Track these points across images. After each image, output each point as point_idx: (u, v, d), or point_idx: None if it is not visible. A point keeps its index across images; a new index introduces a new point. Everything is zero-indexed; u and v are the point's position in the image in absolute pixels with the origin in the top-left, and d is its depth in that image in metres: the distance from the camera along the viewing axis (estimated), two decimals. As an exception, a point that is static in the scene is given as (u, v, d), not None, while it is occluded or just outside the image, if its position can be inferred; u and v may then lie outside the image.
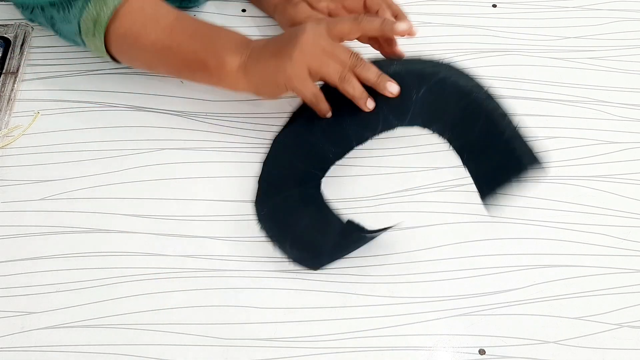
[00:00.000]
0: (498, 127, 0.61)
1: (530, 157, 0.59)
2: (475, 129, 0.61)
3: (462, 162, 0.61)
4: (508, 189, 0.59)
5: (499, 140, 0.60)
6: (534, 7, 0.80)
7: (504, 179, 0.59)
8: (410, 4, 0.79)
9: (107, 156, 0.66)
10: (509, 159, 0.59)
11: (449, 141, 0.62)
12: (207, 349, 0.56)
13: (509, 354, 0.56)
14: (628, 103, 0.72)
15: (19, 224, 0.62)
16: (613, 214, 0.64)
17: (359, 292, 0.59)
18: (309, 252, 0.60)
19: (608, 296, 0.59)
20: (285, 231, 0.60)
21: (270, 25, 0.77)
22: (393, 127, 0.63)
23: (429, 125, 0.63)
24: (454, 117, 0.62)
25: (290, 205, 0.61)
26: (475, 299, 0.58)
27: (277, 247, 0.60)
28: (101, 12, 0.61)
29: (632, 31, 0.78)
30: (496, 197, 0.59)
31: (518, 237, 0.62)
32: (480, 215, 0.62)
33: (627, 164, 0.67)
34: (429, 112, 0.62)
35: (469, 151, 0.61)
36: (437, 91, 0.62)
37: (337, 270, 0.60)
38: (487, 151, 0.61)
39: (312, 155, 0.63)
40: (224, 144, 0.67)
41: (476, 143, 0.61)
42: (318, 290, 0.59)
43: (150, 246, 0.61)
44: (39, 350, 0.55)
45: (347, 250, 0.60)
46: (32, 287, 0.58)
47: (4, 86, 0.70)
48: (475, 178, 0.61)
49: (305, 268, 0.60)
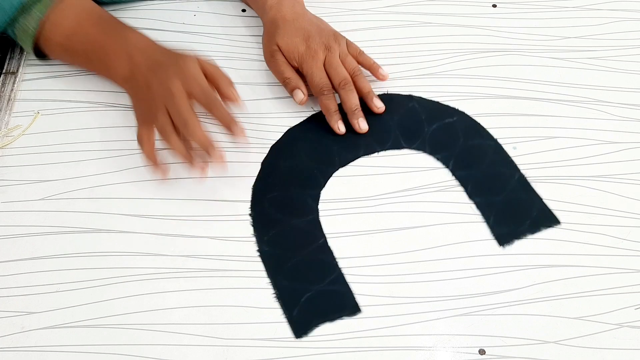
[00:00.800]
0: (506, 170, 0.65)
1: (547, 218, 0.62)
2: (482, 164, 0.65)
3: (466, 192, 0.64)
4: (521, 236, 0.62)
5: (509, 184, 0.64)
6: (534, 7, 0.80)
7: (519, 233, 0.62)
8: (410, 4, 0.79)
9: (107, 156, 0.66)
10: (525, 214, 0.62)
11: (452, 170, 0.65)
12: (207, 349, 0.56)
13: (509, 354, 0.56)
14: (628, 103, 0.72)
15: (19, 224, 0.62)
16: (613, 214, 0.64)
17: (359, 292, 0.59)
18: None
19: (608, 296, 0.59)
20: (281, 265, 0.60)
21: (270, 25, 0.77)
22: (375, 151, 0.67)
23: (435, 153, 0.66)
24: (461, 150, 0.66)
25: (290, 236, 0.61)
26: (475, 299, 0.58)
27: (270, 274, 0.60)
28: (27, 22, 0.66)
29: (632, 31, 0.78)
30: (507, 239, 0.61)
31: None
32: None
33: (627, 164, 0.67)
34: (437, 143, 0.67)
35: (473, 184, 0.64)
36: (447, 129, 0.67)
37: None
38: (497, 192, 0.64)
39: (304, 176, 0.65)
40: (223, 144, 0.67)
41: (483, 179, 0.65)
42: (318, 290, 0.59)
43: (150, 246, 0.61)
44: (39, 350, 0.55)
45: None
46: (32, 287, 0.58)
47: (4, 86, 0.70)
48: (484, 214, 0.63)
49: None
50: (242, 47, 0.75)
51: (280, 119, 0.69)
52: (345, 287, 0.59)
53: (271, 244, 0.61)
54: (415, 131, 0.68)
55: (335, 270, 0.59)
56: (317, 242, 0.61)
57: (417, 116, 0.69)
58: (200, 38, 0.74)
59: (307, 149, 0.66)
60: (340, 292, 0.58)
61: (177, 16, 0.77)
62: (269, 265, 0.60)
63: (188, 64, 0.62)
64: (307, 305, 0.57)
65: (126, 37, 0.66)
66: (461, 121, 0.69)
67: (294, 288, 0.58)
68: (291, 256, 0.60)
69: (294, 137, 0.67)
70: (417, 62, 0.74)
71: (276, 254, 0.60)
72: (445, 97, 0.71)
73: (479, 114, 0.70)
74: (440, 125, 0.68)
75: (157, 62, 0.64)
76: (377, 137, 0.67)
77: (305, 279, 0.59)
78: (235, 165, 0.65)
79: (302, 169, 0.64)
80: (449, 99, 0.71)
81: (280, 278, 0.59)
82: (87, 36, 0.67)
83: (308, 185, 0.64)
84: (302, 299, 0.58)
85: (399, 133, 0.67)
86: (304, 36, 0.68)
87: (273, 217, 0.62)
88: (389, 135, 0.67)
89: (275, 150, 0.66)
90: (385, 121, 0.68)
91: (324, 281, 0.59)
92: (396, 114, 0.69)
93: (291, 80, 0.68)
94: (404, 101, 0.70)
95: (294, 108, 0.69)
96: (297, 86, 0.67)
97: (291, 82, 0.68)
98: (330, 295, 0.58)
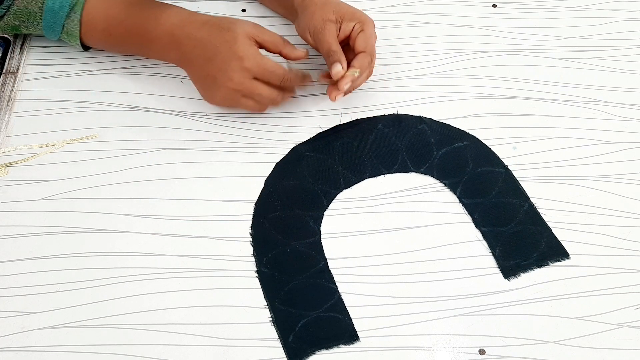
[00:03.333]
0: (516, 200, 0.63)
1: (555, 252, 0.61)
2: (491, 193, 0.64)
3: (472, 221, 0.62)
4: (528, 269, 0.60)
5: (517, 215, 0.62)
6: (534, 7, 0.80)
7: (526, 266, 0.60)
8: (410, 4, 0.79)
9: (107, 156, 0.66)
10: (533, 246, 0.61)
11: (459, 197, 0.63)
12: (207, 349, 0.56)
13: (509, 354, 0.56)
14: (628, 103, 0.72)
15: (19, 224, 0.62)
16: (613, 214, 0.64)
17: (359, 292, 0.59)
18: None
19: (608, 296, 0.59)
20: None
21: (270, 26, 0.77)
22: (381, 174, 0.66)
23: (443, 179, 0.64)
24: (470, 177, 0.64)
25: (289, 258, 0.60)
26: (475, 299, 0.58)
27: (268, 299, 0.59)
28: (70, 26, 0.67)
29: (632, 31, 0.78)
30: (513, 273, 0.60)
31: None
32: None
33: (627, 164, 0.67)
34: (445, 168, 0.65)
35: (481, 213, 0.62)
36: (457, 154, 0.66)
37: (338, 270, 0.60)
38: (505, 223, 0.62)
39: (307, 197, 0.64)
40: (224, 144, 0.67)
41: (491, 208, 0.63)
42: (318, 290, 0.59)
43: (150, 246, 0.61)
44: (39, 350, 0.55)
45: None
46: (32, 287, 0.58)
47: (4, 86, 0.70)
48: (490, 244, 0.61)
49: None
50: (242, 47, 0.75)
51: (279, 119, 0.69)
52: (344, 313, 0.57)
53: (270, 265, 0.59)
54: (423, 155, 0.66)
55: (334, 295, 0.58)
56: (317, 266, 0.60)
57: (426, 139, 0.67)
58: (200, 38, 0.73)
59: (311, 169, 0.65)
60: (337, 320, 0.57)
61: (177, 16, 0.77)
62: (266, 287, 0.58)
63: (240, 47, 0.62)
64: (302, 331, 0.56)
65: (158, 18, 0.65)
66: (472, 146, 0.67)
67: (290, 313, 0.57)
68: (289, 279, 0.59)
69: (298, 155, 0.66)
70: (417, 62, 0.74)
71: (274, 276, 0.59)
72: (445, 97, 0.71)
73: (479, 114, 0.70)
74: (450, 149, 0.66)
75: (202, 41, 0.64)
76: (384, 159, 0.66)
77: (302, 304, 0.58)
78: (236, 165, 0.65)
79: (306, 189, 0.63)
80: (449, 98, 0.71)
81: (277, 302, 0.58)
82: (120, 25, 0.67)
83: (311, 206, 0.63)
84: (298, 324, 0.57)
85: (407, 156, 0.66)
86: (350, 15, 0.67)
87: (273, 238, 0.61)
88: (397, 157, 0.66)
89: (280, 168, 0.65)
90: (393, 143, 0.67)
91: (322, 307, 0.57)
92: (405, 136, 0.67)
93: (336, 53, 0.66)
94: (413, 123, 0.68)
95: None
96: (339, 60, 0.65)
97: (336, 54, 0.66)
98: (328, 322, 0.57)
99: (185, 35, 0.64)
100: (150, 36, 0.66)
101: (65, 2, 0.66)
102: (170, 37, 0.65)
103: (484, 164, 0.66)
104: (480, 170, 0.65)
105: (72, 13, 0.66)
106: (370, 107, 0.70)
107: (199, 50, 0.64)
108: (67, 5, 0.66)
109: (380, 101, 0.70)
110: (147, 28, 0.66)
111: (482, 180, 0.65)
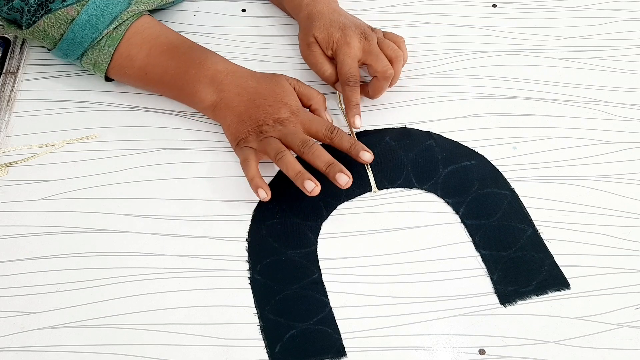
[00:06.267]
0: (519, 224, 0.62)
1: (555, 281, 0.59)
2: (494, 215, 0.63)
3: (473, 242, 0.61)
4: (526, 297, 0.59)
5: (520, 240, 0.61)
6: (534, 7, 0.80)
7: (523, 294, 0.59)
8: (410, 4, 0.79)
9: (107, 156, 0.66)
10: (533, 273, 0.60)
11: (462, 218, 0.63)
12: (207, 349, 0.56)
13: (509, 354, 0.56)
14: (628, 103, 0.72)
15: (19, 224, 0.62)
16: (613, 214, 0.64)
17: (359, 292, 0.59)
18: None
19: (608, 296, 0.59)
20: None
21: (270, 26, 0.77)
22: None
23: (446, 197, 0.64)
24: (474, 197, 0.64)
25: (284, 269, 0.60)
26: (475, 299, 0.58)
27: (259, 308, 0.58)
28: (99, 58, 0.66)
29: (632, 31, 0.78)
30: (509, 299, 0.59)
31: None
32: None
33: (627, 164, 0.67)
34: (450, 187, 0.64)
35: (482, 235, 0.62)
36: (463, 173, 0.65)
37: (337, 270, 0.60)
38: (506, 247, 0.61)
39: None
40: (224, 144, 0.67)
41: (493, 231, 0.62)
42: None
43: (150, 246, 0.61)
44: (39, 350, 0.55)
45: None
46: (32, 287, 0.58)
47: (4, 86, 0.70)
48: (488, 268, 0.60)
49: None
50: (242, 48, 0.75)
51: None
52: (333, 327, 0.56)
53: (263, 273, 0.59)
54: (429, 171, 0.65)
55: (324, 308, 0.57)
56: (311, 277, 0.59)
57: (433, 155, 0.66)
58: (200, 38, 0.74)
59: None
60: (326, 333, 0.56)
61: (177, 16, 0.77)
62: (257, 295, 0.58)
63: (289, 97, 0.64)
64: (290, 343, 0.56)
65: (203, 63, 0.65)
66: (479, 166, 0.66)
67: (279, 323, 0.56)
68: (282, 289, 0.58)
69: (302, 161, 0.63)
70: (417, 62, 0.74)
71: (267, 284, 0.58)
72: (445, 97, 0.71)
73: (479, 114, 0.70)
74: (457, 168, 0.65)
75: (248, 89, 0.64)
76: (388, 173, 0.65)
77: (292, 315, 0.57)
78: (235, 165, 0.65)
79: (306, 198, 0.61)
80: (449, 98, 0.71)
81: (267, 310, 0.57)
82: (159, 66, 0.66)
83: (310, 216, 0.62)
84: (286, 335, 0.56)
85: (412, 171, 0.65)
86: (340, 26, 0.68)
87: (269, 245, 0.60)
88: (401, 172, 0.65)
89: (283, 174, 0.64)
90: (399, 157, 0.66)
91: (312, 319, 0.57)
92: (412, 150, 0.67)
93: (328, 73, 0.68)
94: (422, 138, 0.67)
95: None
96: (334, 80, 0.68)
97: (329, 76, 0.68)
98: (316, 335, 0.56)
99: (229, 82, 0.65)
100: (190, 77, 0.65)
101: (87, 37, 0.64)
102: (212, 81, 0.65)
103: (490, 184, 0.64)
104: (485, 191, 0.64)
105: (106, 47, 0.65)
106: (370, 107, 0.70)
107: (244, 97, 0.64)
108: (89, 40, 0.64)
109: (381, 101, 0.70)
110: (189, 71, 0.65)
111: (487, 201, 0.63)
